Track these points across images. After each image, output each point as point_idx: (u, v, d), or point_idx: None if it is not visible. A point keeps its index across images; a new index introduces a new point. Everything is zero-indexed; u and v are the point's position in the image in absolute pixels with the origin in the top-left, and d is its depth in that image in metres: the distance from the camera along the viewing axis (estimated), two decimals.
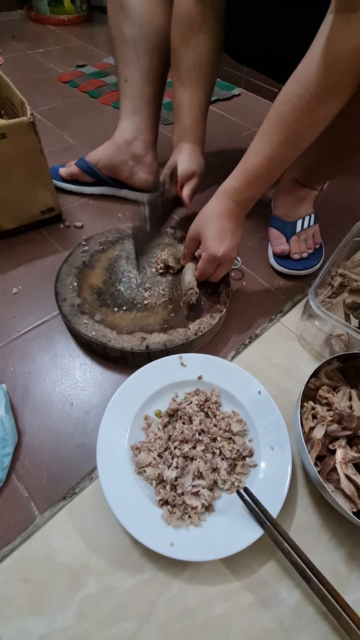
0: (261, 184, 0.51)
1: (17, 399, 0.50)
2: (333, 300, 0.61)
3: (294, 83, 0.44)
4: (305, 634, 0.36)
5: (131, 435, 0.44)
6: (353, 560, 0.40)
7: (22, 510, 0.41)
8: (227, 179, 0.52)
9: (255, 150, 0.49)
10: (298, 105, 0.44)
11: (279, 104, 0.46)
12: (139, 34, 0.65)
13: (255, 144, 0.49)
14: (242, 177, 0.51)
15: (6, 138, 0.57)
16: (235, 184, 0.51)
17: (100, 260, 0.63)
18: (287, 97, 0.45)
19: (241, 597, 0.37)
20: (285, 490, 0.40)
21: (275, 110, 0.46)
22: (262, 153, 0.48)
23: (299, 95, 0.43)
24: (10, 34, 1.57)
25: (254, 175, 0.50)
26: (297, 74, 0.44)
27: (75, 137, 1.00)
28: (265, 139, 0.48)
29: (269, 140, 0.48)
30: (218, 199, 0.53)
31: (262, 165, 0.49)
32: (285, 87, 0.45)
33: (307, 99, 0.43)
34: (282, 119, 0.46)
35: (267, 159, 0.48)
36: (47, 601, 0.36)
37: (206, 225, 0.53)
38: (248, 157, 0.50)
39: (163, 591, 0.37)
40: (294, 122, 0.45)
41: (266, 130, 0.48)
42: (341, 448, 0.41)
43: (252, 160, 0.49)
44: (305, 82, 0.42)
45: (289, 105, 0.44)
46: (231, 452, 0.43)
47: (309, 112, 0.44)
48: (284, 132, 0.46)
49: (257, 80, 1.28)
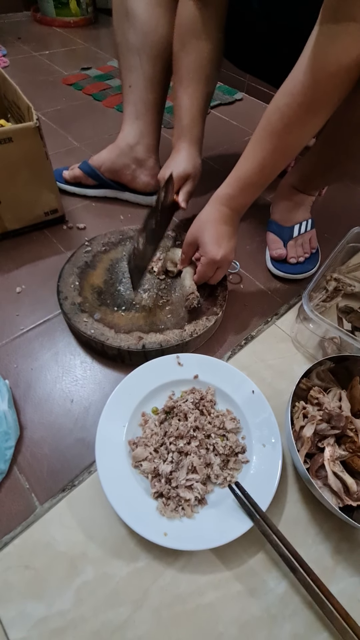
0: (254, 190, 0.53)
1: (19, 394, 0.52)
2: (327, 304, 0.62)
3: (283, 93, 0.46)
4: (291, 621, 0.37)
5: (129, 430, 0.46)
6: (339, 554, 0.42)
7: (23, 501, 0.43)
8: (221, 186, 0.54)
9: (248, 157, 0.51)
10: (287, 114, 0.46)
11: (269, 113, 0.48)
12: (143, 42, 0.67)
13: (247, 151, 0.51)
14: (235, 184, 0.53)
15: (13, 142, 0.58)
16: (229, 191, 0.53)
17: (102, 260, 0.65)
18: (276, 106, 0.47)
19: (231, 586, 0.39)
20: (275, 485, 0.42)
21: (265, 119, 0.48)
22: (254, 160, 0.50)
23: (288, 105, 0.45)
24: (16, 35, 1.59)
25: (247, 182, 0.52)
26: (286, 84, 0.46)
27: (79, 139, 1.02)
28: (256, 147, 0.50)
29: (260, 148, 0.50)
30: (213, 206, 0.55)
31: (255, 172, 0.51)
32: (275, 97, 0.47)
33: (295, 109, 0.45)
34: (272, 127, 0.48)
35: (259, 166, 0.50)
36: (46, 586, 0.38)
37: (204, 231, 0.55)
38: (241, 165, 0.52)
39: (157, 579, 0.39)
40: (283, 130, 0.47)
41: (257, 139, 0.50)
42: (330, 446, 0.43)
43: (245, 167, 0.51)
44: (293, 92, 0.44)
45: (278, 114, 0.46)
46: (224, 448, 0.45)
47: (298, 121, 0.46)
48: (274, 141, 0.48)
49: (259, 86, 1.30)
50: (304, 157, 0.68)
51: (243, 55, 0.74)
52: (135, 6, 0.64)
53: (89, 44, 1.59)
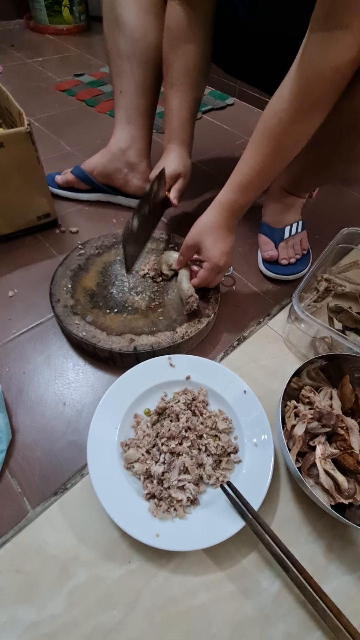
0: (254, 193, 0.54)
1: (11, 398, 0.52)
2: (318, 304, 0.63)
3: (279, 98, 0.47)
4: (285, 621, 0.37)
5: (121, 432, 0.46)
6: (331, 552, 0.42)
7: (15, 505, 0.43)
8: (223, 191, 0.55)
9: (247, 162, 0.52)
10: (284, 119, 0.47)
11: (267, 118, 0.49)
12: (133, 48, 0.68)
13: (246, 156, 0.52)
14: (237, 188, 0.54)
15: (4, 147, 0.59)
16: (232, 196, 0.54)
17: (95, 263, 0.65)
18: (273, 111, 0.48)
19: (224, 587, 0.39)
20: (267, 484, 0.42)
21: (263, 123, 0.49)
22: (254, 164, 0.51)
23: (285, 110, 0.46)
24: (10, 42, 1.60)
25: (248, 186, 0.53)
26: (281, 89, 0.47)
27: (71, 144, 1.03)
28: (255, 151, 0.51)
29: (259, 152, 0.51)
30: (216, 210, 0.55)
31: (254, 176, 0.52)
32: (272, 102, 0.48)
33: (292, 113, 0.46)
34: (270, 131, 0.49)
35: (258, 170, 0.51)
36: (38, 590, 0.38)
37: (207, 236, 0.55)
38: (240, 169, 0.53)
39: (149, 581, 0.39)
40: (281, 134, 0.48)
41: (256, 143, 0.51)
42: (321, 444, 0.43)
43: (245, 171, 0.52)
44: (289, 97, 0.45)
45: (276, 119, 0.47)
46: (216, 448, 0.45)
47: (294, 125, 0.47)
48: (272, 144, 0.49)
49: (250, 91, 1.32)
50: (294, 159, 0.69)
51: (232, 62, 0.75)
52: (125, 13, 0.65)
53: (82, 51, 1.61)
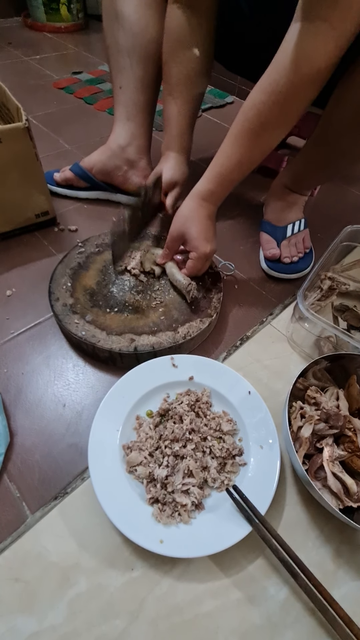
0: (231, 185, 0.55)
1: (9, 400, 0.50)
2: (322, 303, 0.62)
3: (259, 90, 0.46)
4: (293, 629, 0.36)
5: (123, 434, 0.45)
6: (340, 557, 0.41)
7: (14, 510, 0.42)
8: (201, 181, 0.55)
9: (226, 153, 0.52)
10: (262, 111, 0.46)
11: (246, 109, 0.48)
12: (132, 43, 0.66)
13: (225, 147, 0.52)
14: (216, 179, 0.54)
15: (1, 143, 0.57)
16: (211, 187, 0.54)
17: (95, 262, 0.64)
18: (252, 103, 0.47)
19: (230, 594, 0.38)
20: (274, 488, 0.41)
21: (242, 114, 0.49)
22: (233, 156, 0.51)
23: (263, 102, 0.46)
24: (7, 40, 1.59)
25: (227, 177, 0.53)
26: (261, 82, 0.46)
27: (70, 142, 1.01)
28: (235, 143, 0.51)
29: (238, 145, 0.51)
30: (196, 201, 0.56)
31: (233, 167, 0.52)
32: (252, 94, 0.47)
33: (271, 105, 0.46)
34: (250, 124, 0.48)
35: (237, 162, 0.51)
36: (38, 600, 0.36)
37: (190, 227, 0.55)
38: (220, 161, 0.53)
39: (153, 589, 0.38)
40: (260, 127, 0.48)
41: (235, 135, 0.50)
42: (328, 446, 0.42)
43: (224, 163, 0.52)
44: (268, 90, 0.45)
45: (255, 111, 0.47)
46: (221, 450, 0.44)
47: (273, 118, 0.47)
48: (251, 137, 0.49)
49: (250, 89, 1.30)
50: (296, 157, 0.68)
51: (233, 58, 0.74)
52: (125, 8, 0.64)
53: (80, 49, 1.59)
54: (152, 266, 0.62)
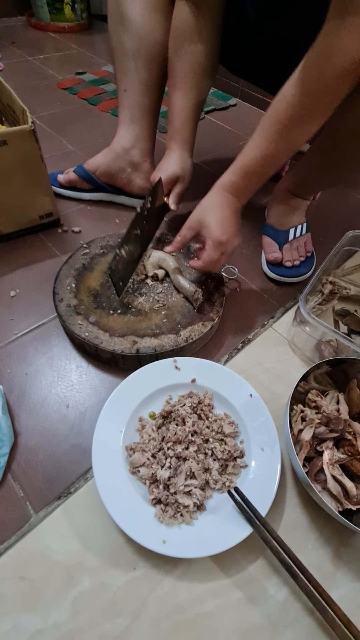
0: (257, 178, 0.54)
1: (13, 400, 0.51)
2: (323, 307, 0.62)
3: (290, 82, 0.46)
4: (292, 629, 0.37)
5: (126, 436, 0.45)
6: (339, 559, 0.41)
7: (18, 510, 0.42)
8: (225, 173, 0.55)
9: (252, 147, 0.52)
10: (292, 103, 0.46)
11: (276, 102, 0.48)
12: (138, 46, 0.67)
13: (253, 140, 0.52)
14: (239, 171, 0.54)
15: (7, 145, 0.58)
16: (232, 178, 0.54)
17: (100, 263, 0.65)
18: (283, 95, 0.47)
19: (231, 594, 0.38)
20: (274, 490, 0.41)
21: (271, 107, 0.49)
22: (258, 149, 0.51)
23: (293, 94, 0.46)
24: (11, 40, 1.59)
25: (250, 169, 0.53)
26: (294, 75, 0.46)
27: (74, 143, 1.02)
28: (260, 135, 0.51)
29: (264, 137, 0.50)
30: (217, 192, 0.56)
31: (258, 160, 0.52)
32: (284, 88, 0.47)
33: (300, 97, 0.45)
34: (278, 115, 0.48)
35: (262, 155, 0.51)
36: (42, 598, 0.37)
37: (208, 214, 0.54)
38: (245, 153, 0.53)
39: (155, 588, 0.38)
40: (288, 120, 0.48)
41: (263, 127, 0.50)
42: (328, 449, 0.43)
43: (249, 155, 0.52)
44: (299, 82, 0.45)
45: (284, 102, 0.47)
46: (223, 453, 0.44)
47: (302, 110, 0.46)
48: (277, 129, 0.49)
49: (253, 92, 1.31)
50: (300, 161, 0.68)
51: (237, 61, 0.75)
52: (131, 11, 0.65)
53: (84, 49, 1.60)
54: (155, 270, 0.62)
